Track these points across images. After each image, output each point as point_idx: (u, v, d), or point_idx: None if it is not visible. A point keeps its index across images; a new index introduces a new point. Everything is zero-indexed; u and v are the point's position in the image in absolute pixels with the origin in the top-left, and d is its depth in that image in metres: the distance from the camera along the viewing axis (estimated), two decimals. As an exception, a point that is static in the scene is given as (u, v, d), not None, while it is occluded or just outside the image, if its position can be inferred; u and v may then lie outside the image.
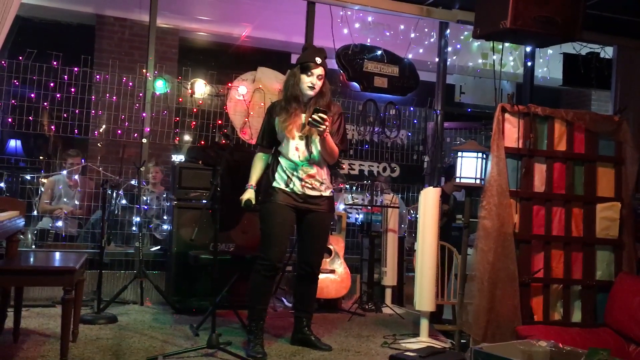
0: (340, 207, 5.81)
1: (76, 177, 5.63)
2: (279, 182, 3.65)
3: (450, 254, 4.62)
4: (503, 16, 3.69)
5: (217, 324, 3.50)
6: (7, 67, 5.14)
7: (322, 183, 3.70)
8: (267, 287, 3.69)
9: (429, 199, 4.11)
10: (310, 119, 3.49)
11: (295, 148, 3.63)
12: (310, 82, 3.61)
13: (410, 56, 6.43)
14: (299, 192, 3.64)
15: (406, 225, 6.21)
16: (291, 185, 3.63)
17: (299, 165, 3.63)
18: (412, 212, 6.12)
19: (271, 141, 3.75)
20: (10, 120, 5.20)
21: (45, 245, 5.26)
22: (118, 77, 5.46)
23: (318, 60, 3.62)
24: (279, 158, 3.68)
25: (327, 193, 3.74)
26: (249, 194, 3.65)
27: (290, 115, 3.61)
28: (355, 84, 6.17)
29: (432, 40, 6.55)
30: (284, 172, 3.65)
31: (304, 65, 3.62)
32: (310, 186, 3.66)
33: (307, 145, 3.65)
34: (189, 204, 4.76)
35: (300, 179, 3.64)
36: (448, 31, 6.39)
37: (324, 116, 3.45)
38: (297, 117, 3.63)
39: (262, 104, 5.59)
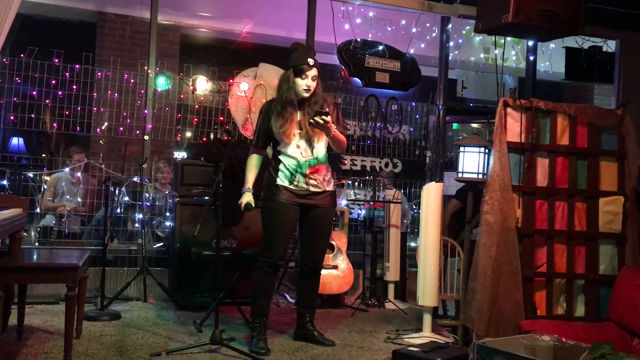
0: (342, 202, 5.81)
1: (78, 174, 5.63)
2: (282, 180, 3.64)
3: (452, 250, 4.62)
4: (505, 10, 3.68)
5: (220, 320, 3.50)
6: (8, 65, 5.14)
7: (324, 179, 3.70)
8: (269, 284, 3.70)
9: (432, 194, 4.10)
10: (312, 120, 3.48)
11: (296, 146, 3.63)
12: (306, 84, 3.59)
13: (411, 51, 6.42)
14: (304, 188, 3.63)
15: (408, 220, 6.21)
16: (295, 182, 3.62)
17: (302, 163, 3.62)
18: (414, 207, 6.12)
19: (267, 142, 3.74)
20: (12, 118, 5.21)
21: (48, 242, 5.27)
22: (119, 74, 5.46)
23: (311, 61, 3.58)
24: (280, 157, 3.67)
25: (330, 188, 3.74)
26: (248, 197, 3.64)
27: (287, 120, 3.60)
28: (356, 79, 6.16)
29: (433, 35, 6.54)
30: (287, 169, 3.63)
31: (297, 68, 3.58)
32: (314, 182, 3.65)
33: (309, 143, 3.64)
34: (191, 201, 4.75)
35: (305, 175, 3.63)
36: (450, 26, 6.37)
37: (327, 118, 3.46)
38: (293, 120, 3.62)
39: (264, 100, 5.58)
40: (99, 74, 5.47)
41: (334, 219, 4.85)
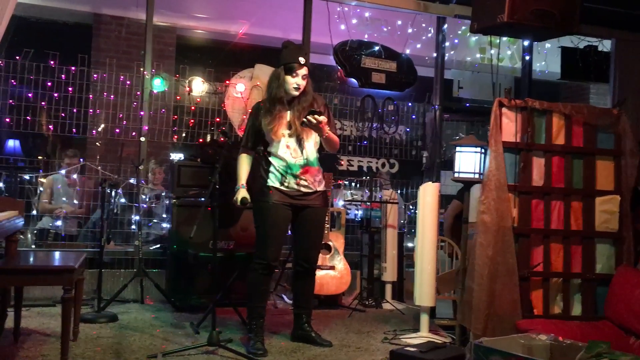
0: (339, 203, 5.81)
1: (74, 176, 5.63)
2: (273, 181, 3.64)
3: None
4: (500, 10, 3.69)
5: (217, 322, 3.50)
6: (4, 67, 5.13)
7: (315, 179, 3.71)
8: (265, 286, 3.69)
9: (428, 194, 4.10)
10: (305, 119, 3.49)
11: (285, 146, 3.63)
12: (296, 83, 3.59)
13: (408, 51, 6.42)
14: (294, 189, 3.64)
15: (405, 220, 6.21)
16: (286, 183, 3.63)
17: (291, 164, 3.63)
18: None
19: (256, 143, 3.75)
20: (8, 120, 5.20)
21: (45, 244, 5.26)
22: (115, 76, 5.46)
23: (302, 60, 3.59)
24: (270, 158, 3.67)
25: (321, 188, 3.74)
26: (243, 193, 3.64)
27: (275, 117, 3.60)
28: (353, 80, 6.17)
29: (429, 35, 6.55)
30: (277, 171, 3.64)
31: (288, 66, 3.59)
32: (305, 183, 3.66)
33: (299, 143, 3.64)
34: (187, 202, 4.74)
35: (295, 176, 3.63)
36: (445, 26, 6.38)
37: (320, 118, 3.45)
38: (282, 118, 3.62)
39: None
40: (95, 75, 5.46)
41: (326, 217, 4.84)
